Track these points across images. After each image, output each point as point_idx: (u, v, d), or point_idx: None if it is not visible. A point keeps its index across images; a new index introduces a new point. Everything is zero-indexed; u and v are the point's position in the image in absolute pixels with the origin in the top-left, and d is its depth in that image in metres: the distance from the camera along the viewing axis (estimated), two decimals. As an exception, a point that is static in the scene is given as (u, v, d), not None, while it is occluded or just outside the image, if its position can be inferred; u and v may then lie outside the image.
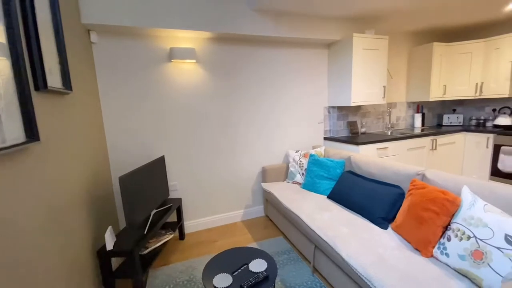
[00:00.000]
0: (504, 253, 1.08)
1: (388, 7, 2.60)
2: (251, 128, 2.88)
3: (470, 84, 3.44)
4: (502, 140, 3.03)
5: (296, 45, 2.97)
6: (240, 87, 2.77)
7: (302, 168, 2.76)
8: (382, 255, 1.42)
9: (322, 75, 3.17)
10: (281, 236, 2.57)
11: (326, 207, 2.09)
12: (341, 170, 2.46)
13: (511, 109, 3.32)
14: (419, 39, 3.70)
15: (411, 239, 1.52)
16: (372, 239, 1.59)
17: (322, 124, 3.28)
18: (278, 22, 2.60)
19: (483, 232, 1.18)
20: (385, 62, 2.94)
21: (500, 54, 3.15)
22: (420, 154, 3.13)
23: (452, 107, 4.00)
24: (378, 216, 1.80)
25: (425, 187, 1.58)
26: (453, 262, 1.27)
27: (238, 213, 2.97)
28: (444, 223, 1.39)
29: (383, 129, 3.64)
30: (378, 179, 2.07)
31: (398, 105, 3.73)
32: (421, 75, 3.53)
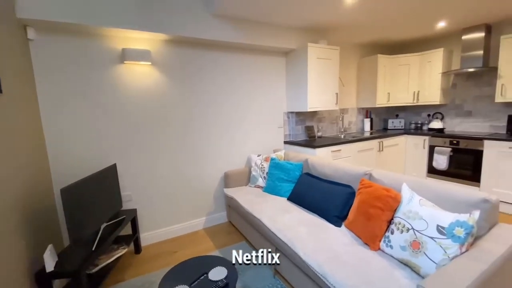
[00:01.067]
0: (437, 242, 1.22)
1: (336, 21, 2.82)
2: (212, 133, 2.84)
3: (409, 92, 3.88)
4: (435, 142, 3.47)
5: (256, 52, 3.04)
6: (201, 91, 2.72)
7: (263, 171, 2.80)
8: (336, 252, 1.50)
9: (281, 82, 3.29)
10: (244, 241, 2.57)
11: (286, 209, 2.15)
12: (299, 172, 2.56)
13: (442, 114, 3.83)
14: (366, 51, 4.07)
15: (361, 235, 1.64)
16: (328, 237, 1.68)
17: (282, 129, 3.38)
18: (237, 28, 2.63)
19: (419, 224, 1.33)
20: (337, 71, 3.17)
21: (432, 66, 3.63)
22: (369, 155, 3.41)
23: (395, 113, 4.47)
24: (333, 215, 1.91)
25: (371, 186, 1.72)
26: (396, 253, 1.40)
27: (200, 220, 2.89)
28: (388, 218, 1.53)
29: (337, 133, 3.89)
30: (332, 180, 2.19)
31: (350, 110, 4.03)
32: (368, 83, 3.88)
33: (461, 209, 1.36)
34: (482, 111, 3.44)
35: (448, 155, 3.29)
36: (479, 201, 1.31)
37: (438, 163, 3.40)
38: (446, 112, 3.81)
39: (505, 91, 2.97)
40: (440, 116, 3.82)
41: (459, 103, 3.67)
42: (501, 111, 3.25)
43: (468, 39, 3.27)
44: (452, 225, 1.20)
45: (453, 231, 1.19)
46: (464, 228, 1.17)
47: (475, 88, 3.48)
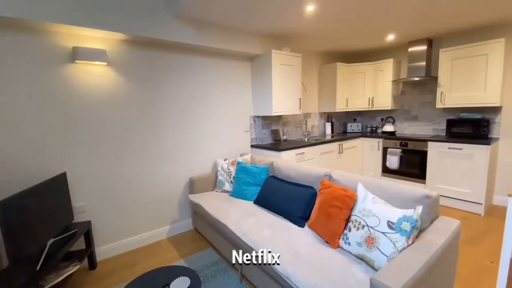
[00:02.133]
0: (387, 236, 1.33)
1: (298, 29, 2.95)
2: (177, 138, 2.74)
3: (364, 98, 4.19)
4: (388, 144, 3.79)
5: (222, 56, 3.03)
6: (164, 95, 2.62)
7: (230, 176, 2.79)
8: (299, 252, 1.54)
9: (247, 86, 3.32)
10: (211, 248, 2.51)
11: (252, 213, 2.16)
12: (265, 175, 2.59)
13: (393, 118, 4.20)
14: (327, 59, 4.31)
15: (322, 234, 1.71)
16: (291, 238, 1.72)
17: (249, 133, 3.41)
18: (201, 31, 2.60)
19: (372, 220, 1.43)
20: (299, 77, 3.30)
21: (384, 75, 3.97)
22: (330, 157, 3.60)
23: (353, 117, 4.79)
24: (296, 216, 1.97)
25: (331, 186, 1.82)
26: (353, 249, 1.49)
27: (164, 229, 2.76)
28: (346, 216, 1.62)
29: (301, 136, 4.04)
30: (295, 182, 2.26)
31: (312, 115, 4.22)
32: (329, 89, 4.10)
33: (407, 205, 1.50)
34: (426, 115, 3.85)
35: (399, 155, 3.62)
36: (422, 197, 1.46)
37: (391, 163, 3.71)
38: (396, 116, 4.19)
39: (444, 98, 3.37)
40: (392, 120, 4.19)
41: (407, 109, 4.06)
42: (441, 115, 3.67)
43: (413, 51, 3.65)
44: (400, 220, 1.32)
45: (401, 225, 1.31)
46: (410, 222, 1.29)
47: (420, 95, 3.89)
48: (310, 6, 2.30)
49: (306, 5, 2.29)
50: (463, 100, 3.21)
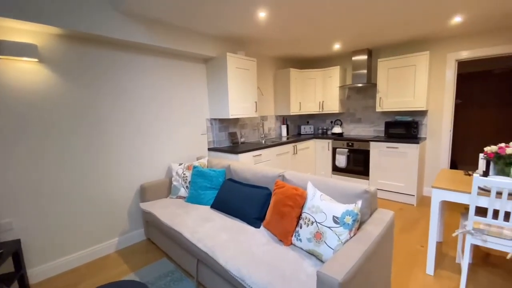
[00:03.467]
0: (333, 231, 1.44)
1: (251, 34, 3.02)
2: (126, 143, 2.56)
3: (315, 102, 4.47)
4: (337, 144, 4.10)
5: (176, 57, 2.93)
6: (111, 96, 2.42)
7: (186, 181, 2.70)
8: (254, 253, 1.57)
9: (203, 88, 3.27)
10: (165, 257, 2.40)
11: (208, 218, 2.12)
12: (222, 178, 2.58)
13: (341, 121, 4.56)
14: (281, 64, 4.49)
15: (276, 233, 1.77)
16: (247, 239, 1.74)
17: (206, 136, 3.35)
18: (150, 29, 2.48)
19: (320, 216, 1.53)
20: (255, 81, 3.37)
21: (332, 81, 4.29)
22: (286, 158, 3.75)
23: (306, 120, 5.07)
24: (252, 217, 2.00)
25: (284, 186, 1.89)
26: (304, 245, 1.58)
27: (111, 242, 2.54)
28: (297, 214, 1.71)
29: (259, 139, 4.12)
30: (252, 183, 2.30)
31: (269, 118, 4.35)
32: (283, 93, 4.27)
33: (351, 200, 1.65)
34: (368, 118, 4.27)
35: (346, 155, 3.95)
36: (362, 192, 1.62)
37: (339, 162, 4.02)
38: (344, 119, 4.56)
39: (382, 103, 3.79)
40: (340, 123, 4.55)
41: (352, 112, 4.45)
42: (381, 118, 4.12)
43: (356, 60, 4.03)
44: (343, 215, 1.44)
45: (344, 219, 1.43)
46: (352, 216, 1.42)
47: (363, 100, 4.30)
48: (262, 12, 2.38)
49: (257, 11, 2.36)
50: (397, 104, 3.65)
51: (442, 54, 3.48)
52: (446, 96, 3.52)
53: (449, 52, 3.43)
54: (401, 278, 1.99)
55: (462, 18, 2.69)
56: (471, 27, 3.02)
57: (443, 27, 3.02)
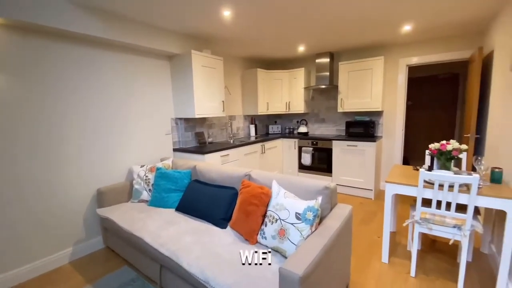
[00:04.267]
0: (295, 227, 1.48)
1: (216, 32, 2.99)
2: (80, 144, 2.35)
3: (282, 103, 4.57)
4: (302, 143, 4.24)
5: (137, 52, 2.78)
6: (64, 93, 2.21)
7: (148, 184, 2.57)
8: (219, 254, 1.55)
9: (167, 86, 3.14)
10: (126, 265, 2.26)
11: (172, 221, 2.05)
12: (188, 180, 2.51)
13: (306, 121, 4.73)
14: (248, 64, 4.51)
15: (242, 232, 1.78)
16: (213, 240, 1.72)
17: (170, 136, 3.23)
18: (108, 23, 2.31)
19: (284, 214, 1.57)
20: (222, 80, 3.34)
21: (297, 82, 4.43)
22: (254, 157, 3.77)
23: (274, 120, 5.16)
24: (218, 218, 1.98)
25: (250, 185, 1.90)
26: (269, 243, 1.60)
27: (64, 253, 2.32)
28: (262, 212, 1.73)
29: (227, 138, 4.09)
30: (218, 184, 2.28)
31: (237, 117, 4.34)
32: (251, 93, 4.30)
33: (312, 197, 1.72)
34: (331, 118, 4.49)
35: (311, 153, 4.10)
36: (323, 188, 1.69)
37: (305, 160, 4.16)
38: (309, 119, 4.73)
39: (343, 104, 4.00)
40: (305, 122, 4.72)
41: (316, 112, 4.64)
42: (342, 118, 4.36)
43: (319, 62, 4.20)
44: (305, 211, 1.49)
45: (306, 215, 1.48)
46: (312, 212, 1.47)
47: (326, 100, 4.50)
48: (226, 11, 2.36)
49: (222, 10, 2.34)
50: (356, 105, 3.89)
51: (395, 59, 3.79)
52: (398, 98, 3.84)
53: (401, 58, 3.75)
54: (360, 268, 2.13)
55: (411, 26, 2.96)
56: (420, 35, 3.33)
57: (395, 35, 3.29)
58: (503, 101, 2.17)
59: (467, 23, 2.87)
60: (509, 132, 1.99)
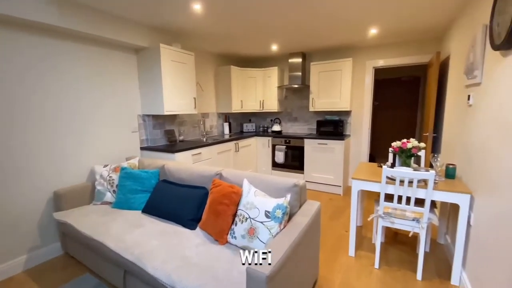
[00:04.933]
0: (265, 225, 1.48)
1: (185, 25, 2.89)
2: (36, 141, 2.14)
3: (256, 101, 4.57)
4: (276, 141, 4.28)
5: (100, 44, 2.59)
6: (15, 87, 1.98)
7: (112, 184, 2.42)
8: (187, 256, 1.50)
9: (133, 81, 2.97)
10: (88, 272, 2.11)
11: (138, 224, 1.95)
12: (156, 180, 2.40)
13: (279, 119, 4.78)
14: (222, 61, 4.44)
15: (212, 232, 1.74)
16: (181, 243, 1.66)
17: (138, 133, 3.07)
18: (64, 10, 2.12)
19: (254, 212, 1.56)
20: (193, 76, 3.24)
21: (271, 81, 4.45)
22: (227, 156, 3.73)
23: (248, 118, 5.15)
24: (188, 219, 1.92)
25: (220, 185, 1.87)
26: (239, 242, 1.58)
27: (17, 261, 2.10)
28: (233, 212, 1.70)
29: (200, 136, 4.00)
30: (188, 184, 2.21)
31: (210, 115, 4.25)
32: (225, 91, 4.24)
33: (282, 194, 1.73)
34: (303, 117, 4.58)
35: (284, 151, 4.16)
36: (292, 186, 1.71)
37: (278, 158, 4.21)
38: (282, 118, 4.79)
39: (314, 103, 4.11)
40: (279, 121, 4.77)
41: (289, 111, 4.71)
42: (313, 117, 4.47)
43: (292, 62, 4.26)
44: (274, 209, 1.50)
45: (275, 213, 1.48)
46: (281, 209, 1.48)
47: (298, 100, 4.59)
48: (196, 5, 2.28)
49: (192, 3, 2.26)
50: (327, 105, 4.01)
51: (362, 61, 3.96)
52: (366, 99, 4.02)
53: (368, 60, 3.93)
54: (328, 262, 2.20)
55: (377, 30, 3.11)
56: (385, 39, 3.51)
57: (363, 37, 3.43)
58: (457, 103, 2.36)
59: (427, 29, 3.09)
60: (461, 131, 2.17)
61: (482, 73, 1.77)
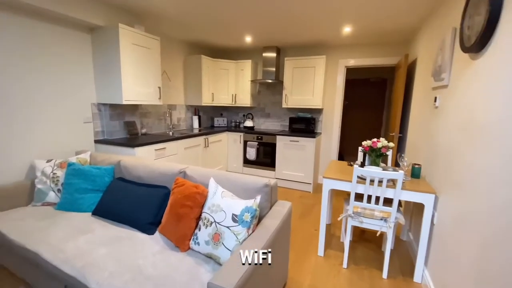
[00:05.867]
0: (231, 230, 1.33)
1: (150, 5, 2.60)
2: None
3: (229, 95, 4.38)
4: (248, 137, 4.15)
5: (49, 19, 2.20)
6: None
7: (57, 183, 2.09)
8: (140, 267, 1.30)
9: (87, 65, 2.61)
10: (22, 286, 1.79)
11: (86, 228, 1.68)
12: (110, 178, 2.12)
13: (252, 115, 4.64)
14: (192, 50, 4.16)
15: (172, 238, 1.55)
16: (135, 251, 1.45)
17: (91, 124, 2.71)
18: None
19: (220, 216, 1.41)
20: (158, 63, 2.95)
21: (244, 74, 4.28)
22: (196, 151, 3.51)
23: (220, 112, 4.93)
24: (146, 222, 1.70)
25: (184, 184, 1.68)
26: (202, 249, 1.42)
27: None
28: (196, 215, 1.53)
29: (166, 130, 3.71)
30: (147, 183, 1.98)
31: (178, 107, 3.97)
32: (195, 82, 3.98)
33: (252, 195, 1.60)
34: (276, 113, 4.50)
35: (256, 148, 4.04)
36: (263, 186, 1.59)
37: (250, 154, 4.09)
38: (255, 113, 4.66)
39: (287, 100, 4.04)
40: (251, 116, 4.63)
41: (263, 107, 4.60)
42: (286, 114, 4.41)
43: (266, 56, 4.13)
44: (243, 212, 1.36)
45: (243, 217, 1.35)
46: (250, 212, 1.35)
47: (271, 95, 4.49)
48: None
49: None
50: (300, 102, 3.96)
51: (335, 60, 3.98)
52: (337, 97, 4.05)
53: (340, 59, 3.95)
54: (297, 263, 2.13)
55: (351, 29, 3.10)
56: (358, 39, 3.54)
57: (337, 36, 3.41)
58: (424, 104, 2.43)
59: (397, 31, 3.15)
60: (427, 132, 2.23)
61: (449, 75, 1.80)
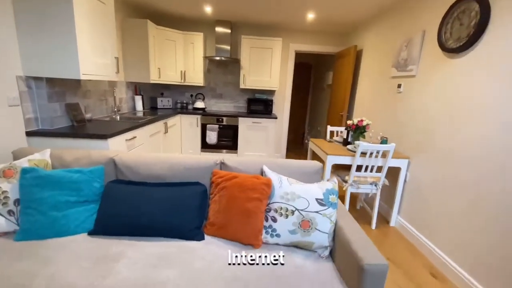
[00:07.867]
0: (322, 214, 1.34)
1: None
2: None
3: (176, 71, 3.82)
4: (206, 120, 3.84)
5: None
6: None
7: (6, 201, 1.35)
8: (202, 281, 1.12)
9: (6, 19, 1.66)
10: None
11: (108, 254, 1.23)
12: (100, 182, 1.56)
13: (203, 95, 4.26)
14: (132, 12, 3.30)
15: (241, 236, 1.38)
16: (209, 262, 1.21)
17: (19, 108, 1.81)
18: None
19: (301, 203, 1.36)
20: (113, 25, 2.24)
21: (195, 48, 3.82)
22: (157, 139, 2.97)
23: (160, 91, 4.24)
24: (192, 227, 1.42)
25: (237, 176, 1.48)
26: (284, 240, 1.36)
27: None
28: (265, 207, 1.42)
29: (111, 114, 2.91)
30: (170, 181, 1.59)
31: (119, 84, 3.15)
32: (139, 53, 3.23)
33: (310, 178, 1.61)
34: (229, 94, 4.33)
35: (217, 131, 3.82)
36: (320, 168, 1.63)
37: (210, 138, 3.83)
38: (206, 93, 4.31)
39: (245, 80, 3.95)
40: (202, 97, 4.25)
41: (213, 86, 4.31)
42: (241, 95, 4.33)
43: (219, 32, 3.82)
44: (326, 195, 1.38)
45: (329, 200, 1.37)
46: (335, 194, 1.39)
47: (223, 75, 4.26)
48: None
49: None
50: (257, 83, 3.97)
51: (288, 43, 4.17)
52: (287, 80, 4.32)
53: (291, 43, 4.17)
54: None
55: (312, 15, 3.31)
56: (311, 26, 3.82)
57: (292, 20, 3.57)
58: (383, 89, 2.98)
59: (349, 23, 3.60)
60: (389, 112, 2.81)
61: (417, 68, 2.33)
